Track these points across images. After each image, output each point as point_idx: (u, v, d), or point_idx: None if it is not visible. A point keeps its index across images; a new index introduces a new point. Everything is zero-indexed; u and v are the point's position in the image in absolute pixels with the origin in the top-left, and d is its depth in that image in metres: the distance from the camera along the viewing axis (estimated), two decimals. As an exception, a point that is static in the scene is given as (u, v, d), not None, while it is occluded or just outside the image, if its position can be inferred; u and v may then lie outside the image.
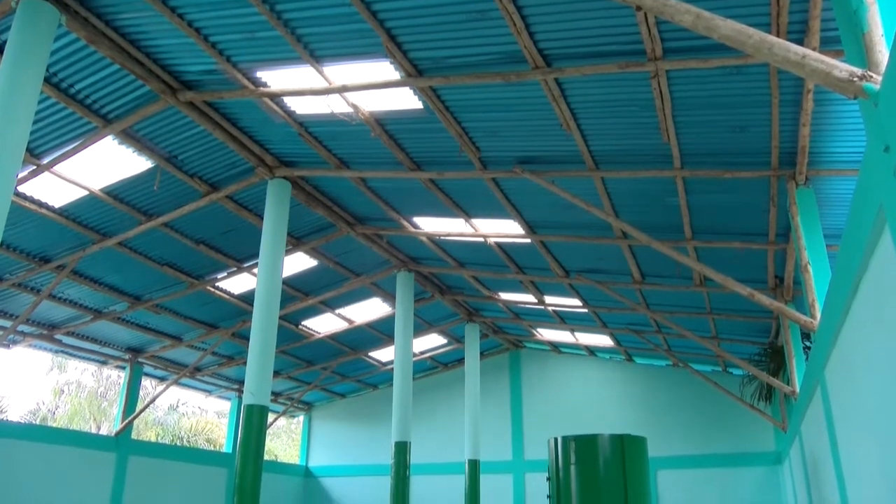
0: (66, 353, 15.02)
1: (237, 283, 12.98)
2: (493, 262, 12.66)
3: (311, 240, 11.92)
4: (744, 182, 8.14)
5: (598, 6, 5.86)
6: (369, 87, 7.43)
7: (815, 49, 5.32)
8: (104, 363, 15.97)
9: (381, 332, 16.25)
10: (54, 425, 26.42)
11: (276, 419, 20.09)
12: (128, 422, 14.90)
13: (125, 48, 7.20)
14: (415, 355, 16.46)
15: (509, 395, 18.68)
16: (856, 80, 2.91)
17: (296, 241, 11.73)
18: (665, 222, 9.64)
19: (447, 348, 18.30)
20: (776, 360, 12.12)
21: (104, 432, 23.67)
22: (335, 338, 16.32)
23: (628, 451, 9.22)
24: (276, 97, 7.97)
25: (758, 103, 6.73)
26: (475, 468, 15.36)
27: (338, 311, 15.04)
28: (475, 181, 9.46)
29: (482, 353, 17.45)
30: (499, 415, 18.38)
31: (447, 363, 19.47)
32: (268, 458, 23.15)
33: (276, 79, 7.74)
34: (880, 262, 3.37)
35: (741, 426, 15.92)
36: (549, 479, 9.65)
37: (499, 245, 11.64)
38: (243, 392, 9.06)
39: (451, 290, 15.14)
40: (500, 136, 8.40)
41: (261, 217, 10.08)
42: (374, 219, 11.61)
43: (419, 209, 10.96)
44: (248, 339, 9.37)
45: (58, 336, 13.73)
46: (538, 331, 17.07)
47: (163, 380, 17.32)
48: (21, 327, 12.89)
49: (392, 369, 13.59)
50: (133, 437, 15.97)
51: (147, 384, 22.01)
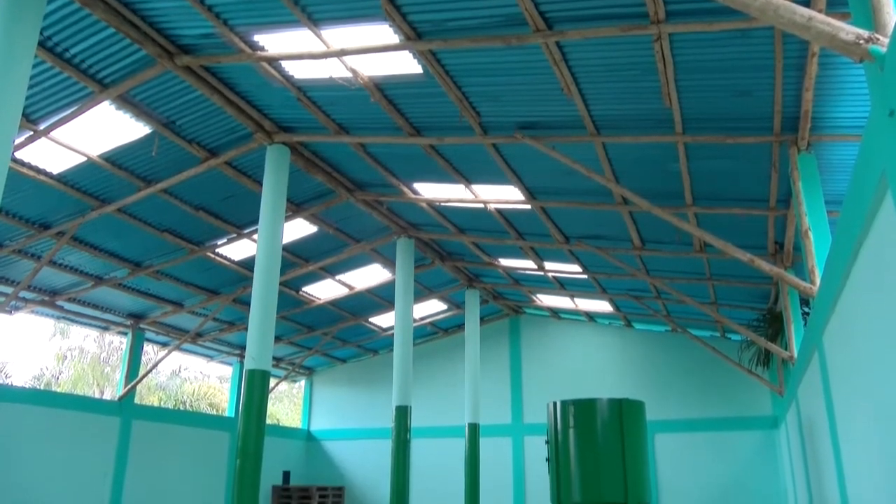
0: (68, 319, 15.09)
1: (237, 250, 12.99)
2: (493, 229, 12.65)
3: (311, 206, 11.89)
4: (745, 148, 8.09)
5: (600, -33, 5.76)
6: (368, 51, 7.35)
7: (821, 11, 5.24)
8: (106, 329, 16.06)
9: (381, 297, 16.31)
10: (58, 390, 26.68)
11: (277, 384, 20.28)
12: (131, 387, 15.04)
13: (120, 11, 7.09)
14: (415, 321, 16.54)
15: (509, 360, 18.84)
16: (862, 42, 2.87)
17: (295, 207, 11.70)
18: (666, 188, 9.61)
19: (447, 314, 18.39)
20: (774, 326, 12.19)
21: (107, 397, 23.91)
22: (336, 304, 16.39)
23: (626, 414, 9.32)
24: (273, 61, 7.88)
25: (761, 68, 6.65)
26: (475, 431, 15.56)
27: (338, 277, 15.08)
28: (475, 147, 9.40)
29: (482, 319, 17.54)
30: (498, 379, 18.56)
31: (447, 329, 19.59)
32: (270, 422, 23.41)
33: (273, 42, 7.64)
34: (881, 228, 3.37)
35: (738, 391, 16.08)
36: (547, 443, 9.78)
37: (499, 211, 11.62)
38: (245, 357, 9.13)
39: (452, 256, 15.16)
40: (500, 101, 8.33)
41: (260, 183, 10.05)
42: (373, 185, 11.57)
43: (419, 175, 10.92)
44: (248, 305, 9.42)
45: (59, 302, 13.79)
46: (538, 297, 17.14)
47: (165, 345, 17.44)
48: (23, 293, 12.93)
49: (392, 335, 13.67)
50: (136, 402, 16.12)
51: (149, 350, 22.16)
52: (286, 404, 34.82)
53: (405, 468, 12.34)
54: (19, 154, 9.16)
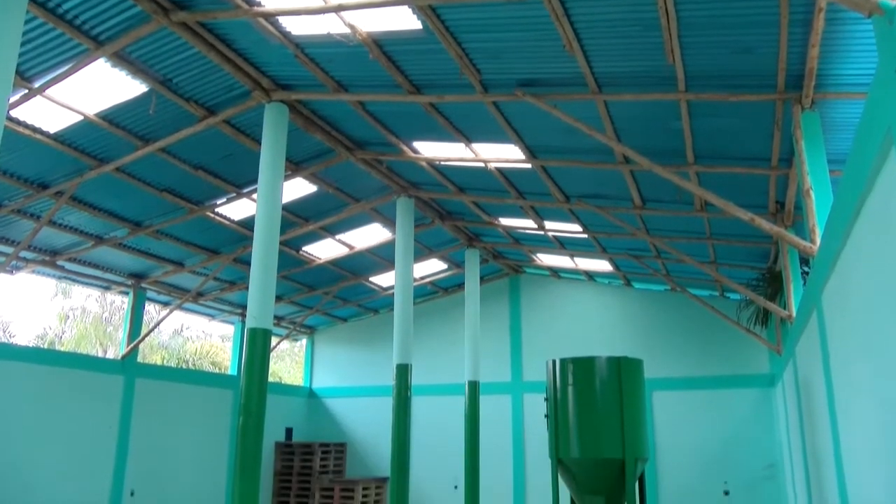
0: (69, 279, 15.14)
1: (237, 209, 12.96)
2: (493, 188, 12.60)
3: (310, 165, 11.83)
4: (748, 106, 8.00)
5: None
6: (367, 6, 7.20)
7: (828, -35, 5.13)
8: (107, 289, 16.12)
9: (381, 257, 16.34)
10: (61, 349, 26.91)
11: (279, 343, 20.44)
12: (133, 345, 15.16)
13: (113, -35, 6.95)
14: (415, 280, 16.60)
15: (508, 319, 18.96)
16: (871, -4, 2.81)
17: (295, 166, 11.64)
18: (667, 147, 9.54)
19: (447, 273, 18.44)
20: (774, 285, 12.23)
21: (110, 356, 24.11)
22: (336, 263, 16.43)
23: (625, 372, 9.42)
24: (271, 17, 7.74)
25: (766, 24, 6.53)
26: (475, 389, 15.75)
27: (338, 236, 15.07)
28: (476, 105, 9.30)
29: (482, 279, 17.60)
30: (498, 338, 18.71)
31: (447, 288, 19.67)
32: (272, 380, 23.68)
33: (270, -3, 7.51)
34: (885, 186, 3.35)
35: (736, 350, 16.23)
36: (546, 400, 9.91)
37: (499, 170, 11.56)
38: (246, 316, 9.18)
39: (452, 215, 15.13)
40: (501, 58, 8.21)
41: (259, 142, 9.97)
42: (373, 144, 11.48)
43: (419, 134, 10.83)
44: (249, 264, 9.43)
45: (60, 262, 13.82)
46: (538, 256, 17.16)
47: (166, 305, 17.52)
48: (23, 253, 12.95)
49: (393, 294, 13.74)
50: (139, 360, 16.27)
51: (151, 309, 22.30)
52: (288, 363, 35.18)
53: (406, 425, 12.51)
54: (15, 112, 9.07)
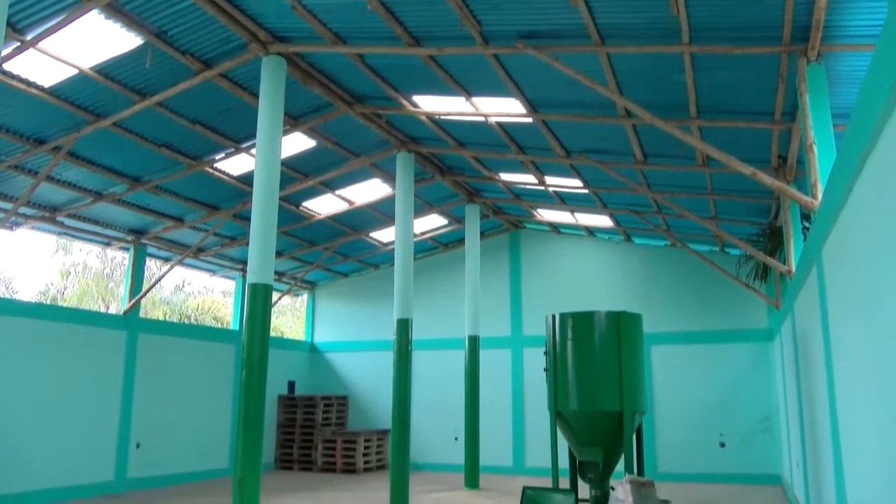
0: (70, 235, 15.14)
1: (236, 164, 12.88)
2: (493, 143, 12.50)
3: (309, 119, 11.71)
4: (753, 58, 7.87)
5: None
6: (365, -44, 7.04)
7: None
8: (108, 245, 16.14)
9: (381, 212, 16.31)
10: (64, 305, 27.09)
11: (280, 298, 20.56)
12: (135, 301, 15.25)
13: (104, -88, 6.76)
14: (415, 236, 16.62)
15: (508, 274, 19.03)
16: (882, -57, 2.73)
17: (293, 120, 11.53)
18: (670, 100, 9.43)
19: (447, 229, 18.44)
20: (774, 241, 12.25)
21: (113, 312, 24.28)
22: (336, 218, 16.41)
23: (624, 326, 9.50)
24: (266, -33, 7.57)
25: (774, -28, 6.40)
26: (475, 344, 15.90)
27: (338, 191, 15.02)
28: (476, 57, 9.16)
29: (482, 234, 17.62)
30: (498, 293, 18.81)
31: (447, 243, 19.69)
32: (274, 335, 23.90)
33: (265, -54, 7.33)
34: (889, 140, 3.31)
35: (735, 305, 16.34)
36: (546, 354, 10.02)
37: (500, 125, 11.45)
38: (247, 272, 9.20)
39: (452, 170, 15.05)
40: (501, 9, 8.05)
41: (256, 96, 9.85)
42: (372, 97, 11.35)
43: (418, 87, 10.70)
44: (249, 220, 9.41)
45: (60, 218, 13.79)
46: (538, 211, 17.13)
47: (167, 260, 17.57)
48: (22, 210, 12.92)
49: (393, 249, 13.76)
50: (141, 316, 16.39)
51: (152, 265, 22.38)
52: (289, 318, 35.46)
53: (407, 379, 12.67)
54: (8, 66, 8.94)
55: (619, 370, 9.30)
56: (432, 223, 17.98)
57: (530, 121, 10.94)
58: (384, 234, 17.97)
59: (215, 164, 12.69)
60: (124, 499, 13.33)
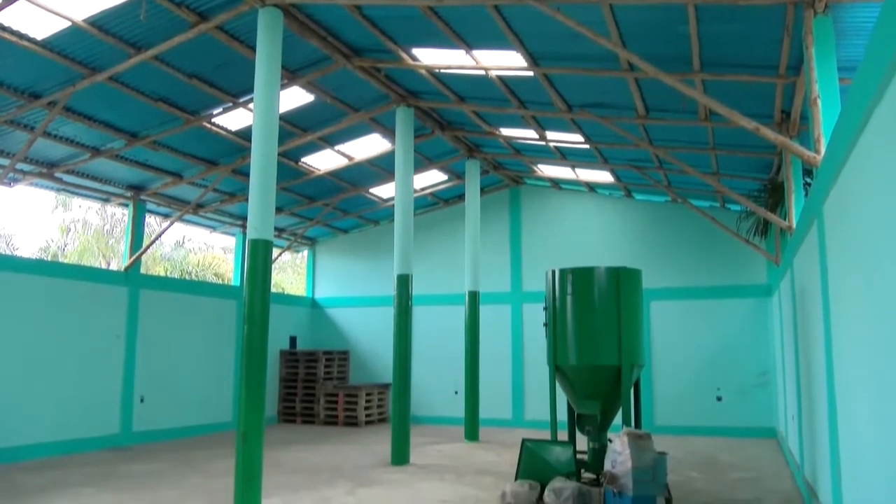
0: (68, 191, 15.08)
1: (234, 119, 12.76)
2: (494, 97, 12.36)
3: (307, 73, 11.55)
4: (758, 10, 7.72)
5: None
6: None
7: None
8: (107, 201, 16.08)
9: (381, 168, 16.22)
10: (65, 261, 27.13)
11: (280, 254, 20.59)
12: (136, 257, 15.27)
13: None
14: (415, 191, 16.56)
15: (509, 230, 19.03)
16: None
17: (291, 74, 11.37)
18: (673, 53, 9.28)
19: (447, 184, 18.36)
20: (775, 196, 12.21)
21: (114, 269, 24.34)
22: (335, 174, 16.33)
23: (623, 282, 9.53)
24: (261, -86, 7.37)
25: (782, -80, 6.23)
26: (475, 299, 15.98)
27: (337, 147, 14.91)
28: (476, 8, 8.99)
29: (482, 190, 17.55)
30: (498, 249, 18.84)
31: (448, 199, 19.63)
32: (275, 290, 24.01)
33: None
34: None
35: (735, 260, 16.38)
36: (545, 309, 10.07)
37: (500, 78, 11.30)
38: (247, 228, 9.19)
39: (452, 125, 14.91)
40: (503, -41, 7.87)
41: (253, 49, 9.67)
42: (371, 50, 11.17)
43: (418, 40, 10.53)
44: (248, 175, 9.35)
45: (58, 174, 13.72)
46: (539, 167, 17.03)
47: (167, 217, 17.55)
48: (20, 166, 12.85)
49: (393, 205, 13.72)
50: (142, 272, 16.43)
51: (152, 221, 22.36)
52: (290, 274, 35.59)
53: (407, 334, 12.77)
54: None
55: (618, 325, 9.35)
56: (432, 179, 17.90)
57: (531, 74, 10.79)
58: (384, 190, 17.90)
59: (213, 119, 12.57)
60: (130, 451, 13.57)
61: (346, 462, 12.24)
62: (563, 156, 15.42)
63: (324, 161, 15.58)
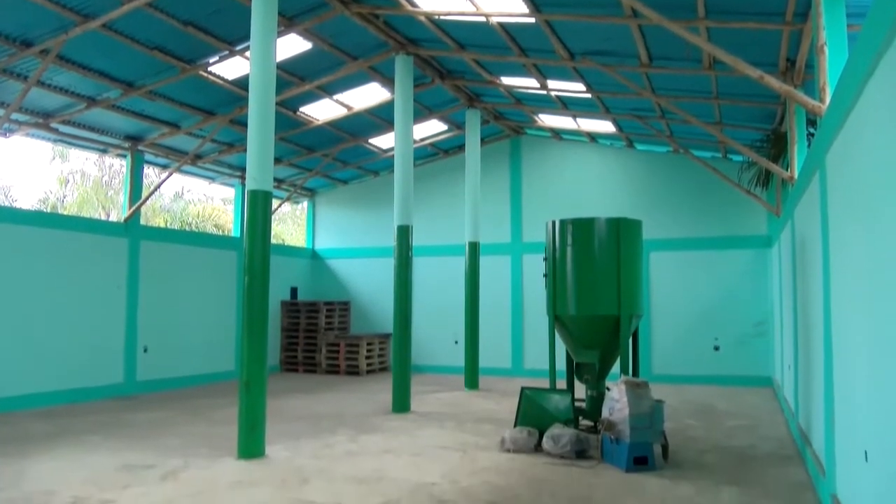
0: (65, 142, 14.95)
1: (230, 68, 12.57)
2: (494, 45, 12.14)
3: (304, 20, 11.32)
4: (767, -47, 7.53)
5: None
6: None
7: None
8: (104, 152, 15.96)
9: (380, 118, 16.05)
10: (64, 213, 27.07)
11: (280, 205, 20.53)
12: (136, 208, 15.24)
13: None
14: (415, 142, 16.41)
15: (509, 180, 18.94)
16: None
17: (288, 21, 11.16)
18: (678, 0, 9.08)
19: (448, 135, 18.20)
20: (777, 147, 12.11)
21: (113, 220, 24.33)
22: (334, 124, 16.17)
23: (623, 233, 9.53)
24: None
25: None
26: (475, 250, 16.01)
27: (336, 96, 14.72)
28: (477, -47, 8.76)
29: (483, 140, 17.40)
30: (498, 200, 18.80)
31: (447, 150, 19.49)
32: (275, 242, 24.03)
33: None
34: (904, 40, 3.20)
35: (735, 211, 16.36)
36: (545, 260, 10.09)
37: (501, 25, 11.09)
38: (246, 179, 9.14)
39: (452, 74, 14.70)
40: None
41: (249, -5, 9.48)
42: (369, -3, 10.94)
43: (417, -14, 10.30)
44: (246, 125, 9.25)
45: (54, 125, 13.58)
46: (539, 117, 16.85)
47: (165, 167, 17.44)
48: (15, 116, 12.71)
49: (393, 156, 13.61)
50: (142, 223, 16.41)
51: (150, 172, 22.23)
52: (290, 225, 35.56)
53: (408, 284, 12.82)
54: (-11, -37, 8.57)
55: (617, 275, 9.39)
56: (432, 129, 17.73)
57: (533, 21, 10.58)
58: (383, 141, 17.76)
59: (209, 68, 12.38)
60: (135, 400, 13.78)
61: (348, 410, 12.44)
62: (565, 105, 15.24)
63: (322, 111, 15.40)
